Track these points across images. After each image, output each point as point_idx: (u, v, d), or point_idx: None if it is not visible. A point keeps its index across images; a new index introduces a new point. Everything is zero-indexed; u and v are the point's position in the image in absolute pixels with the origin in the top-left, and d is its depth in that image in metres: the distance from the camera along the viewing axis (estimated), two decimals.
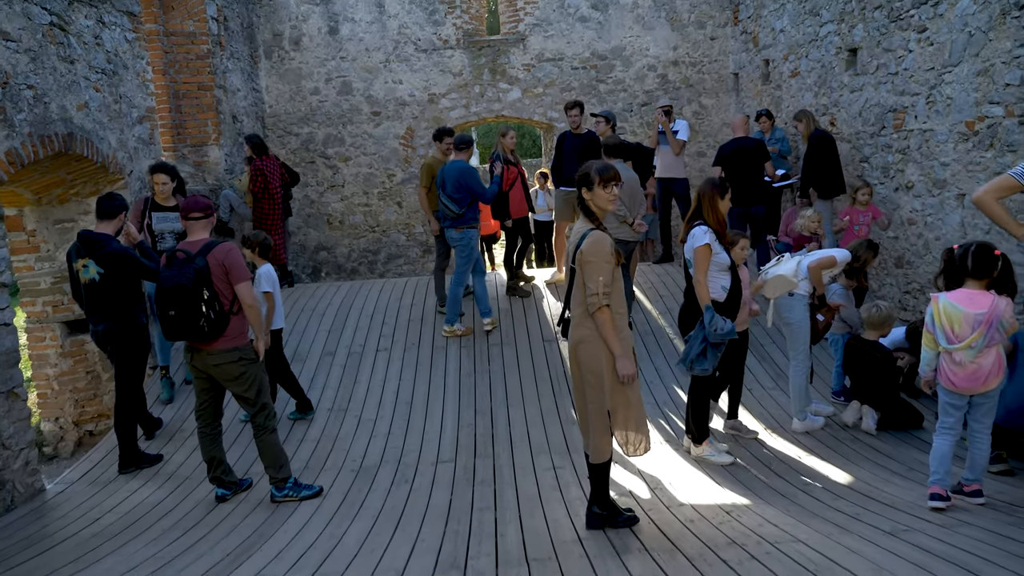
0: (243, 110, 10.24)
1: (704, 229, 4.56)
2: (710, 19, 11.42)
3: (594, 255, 3.59)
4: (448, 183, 6.86)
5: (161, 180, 6.13)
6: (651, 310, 7.69)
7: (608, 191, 3.67)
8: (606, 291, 3.56)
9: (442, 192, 6.92)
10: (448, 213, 6.89)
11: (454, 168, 6.90)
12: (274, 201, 8.54)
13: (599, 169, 3.70)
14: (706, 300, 4.49)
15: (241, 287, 4.38)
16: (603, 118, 7.81)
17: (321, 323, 7.70)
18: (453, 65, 11.44)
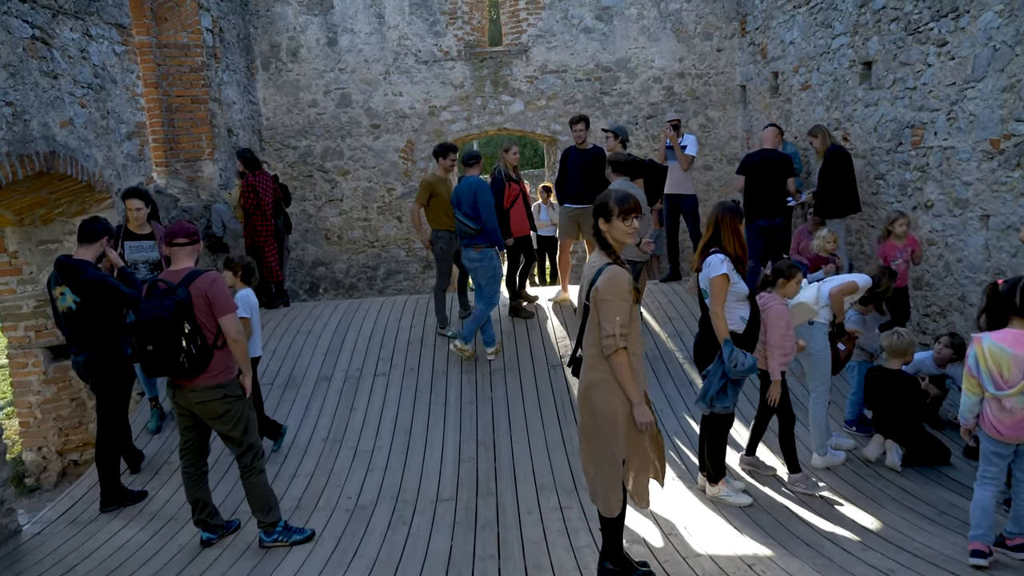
0: (239, 123, 9.99)
1: (721, 258, 4.28)
2: (716, 30, 11.18)
3: (610, 293, 3.32)
4: (464, 201, 6.59)
5: (134, 206, 5.78)
6: (659, 332, 7.41)
7: (628, 224, 3.40)
8: (623, 332, 3.29)
9: (458, 210, 6.63)
10: (467, 231, 6.60)
11: (471, 184, 6.65)
12: (265, 217, 8.28)
13: (618, 199, 3.42)
14: (724, 333, 4.21)
15: (225, 320, 4.10)
16: (612, 133, 7.55)
17: (318, 345, 7.42)
18: (454, 77, 11.20)
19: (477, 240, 6.63)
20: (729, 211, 4.36)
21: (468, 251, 6.69)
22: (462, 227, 6.60)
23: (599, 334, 3.36)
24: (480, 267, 6.70)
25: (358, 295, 11.52)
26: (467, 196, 6.57)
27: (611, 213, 3.41)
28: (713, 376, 4.19)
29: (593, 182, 7.78)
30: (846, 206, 7.41)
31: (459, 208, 6.62)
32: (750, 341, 4.37)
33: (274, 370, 6.96)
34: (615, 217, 3.40)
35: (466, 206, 6.57)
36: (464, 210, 6.58)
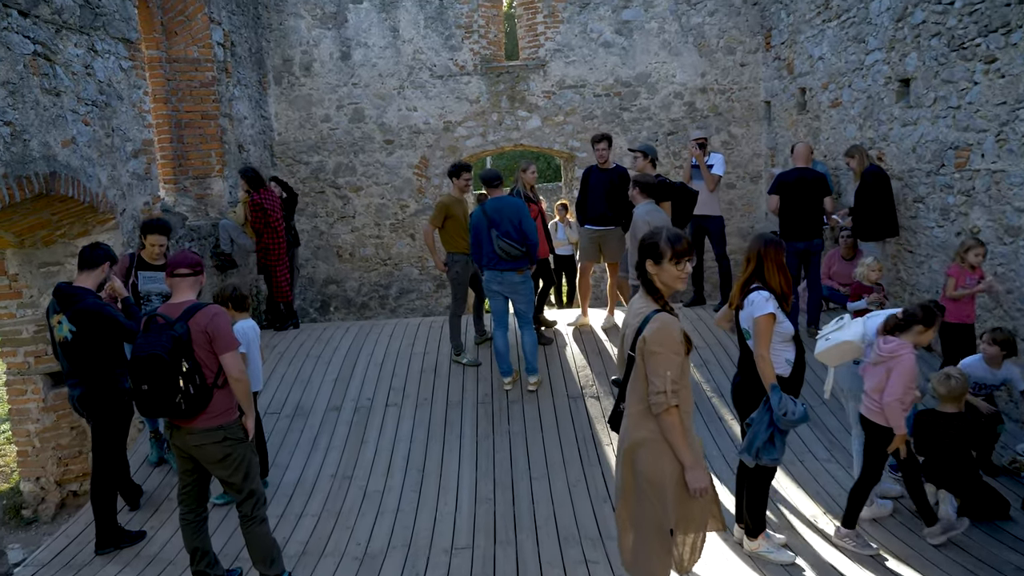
0: (250, 139, 9.75)
1: (765, 295, 3.94)
2: (740, 44, 10.87)
3: (660, 345, 2.99)
4: (505, 221, 6.28)
5: (157, 243, 5.52)
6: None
7: (681, 268, 3.07)
8: (675, 388, 2.96)
9: (496, 232, 6.28)
10: (512, 252, 6.27)
11: (510, 205, 6.37)
12: (277, 235, 8.02)
13: (671, 239, 3.08)
14: (771, 378, 3.87)
15: (227, 358, 3.80)
16: (641, 153, 7.23)
17: (327, 372, 7.12)
18: (470, 92, 10.94)
19: (521, 263, 6.34)
20: (772, 244, 4.03)
21: (510, 275, 6.36)
22: (506, 249, 6.25)
23: (646, 388, 3.02)
24: (522, 290, 6.43)
25: (369, 314, 11.24)
26: (511, 217, 6.28)
27: (662, 255, 3.07)
28: (759, 425, 3.84)
29: (616, 203, 7.47)
30: (883, 229, 7.06)
31: (497, 229, 6.28)
32: (796, 385, 4.03)
33: (282, 398, 6.66)
34: (666, 260, 3.07)
35: (508, 227, 6.27)
36: (504, 230, 6.26)
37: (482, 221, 6.39)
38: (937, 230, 6.80)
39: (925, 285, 7.10)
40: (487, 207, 6.40)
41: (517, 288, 6.40)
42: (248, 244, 8.04)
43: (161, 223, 5.59)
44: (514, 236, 6.25)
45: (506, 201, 6.39)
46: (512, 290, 6.41)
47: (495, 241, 6.26)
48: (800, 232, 7.28)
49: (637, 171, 7.30)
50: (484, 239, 6.38)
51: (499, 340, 6.57)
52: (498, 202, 6.38)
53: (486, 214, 6.36)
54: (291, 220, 8.66)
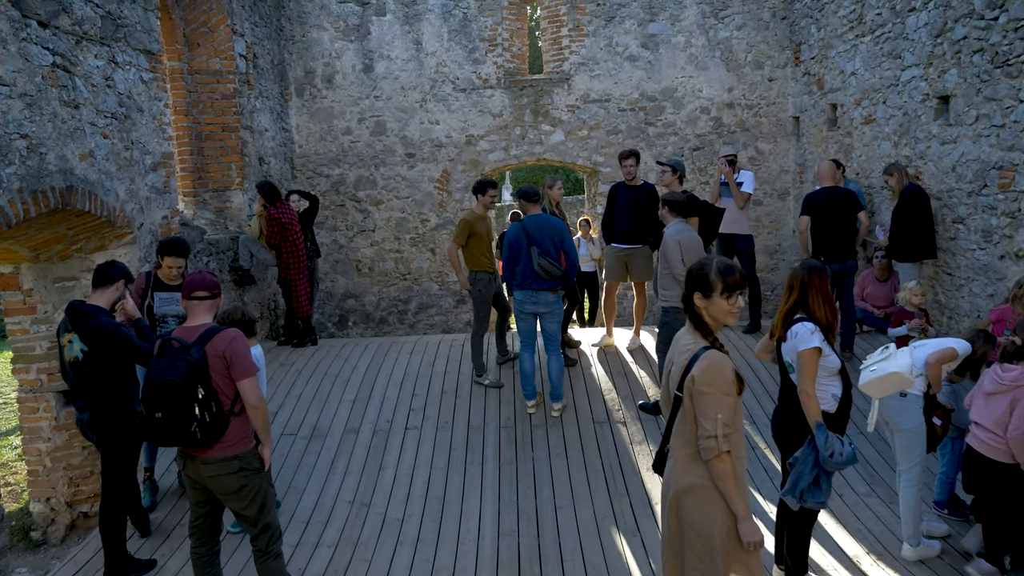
0: (271, 151, 9.65)
1: (810, 327, 3.71)
2: (768, 59, 10.65)
3: (710, 385, 2.77)
4: (545, 240, 6.11)
5: (175, 265, 5.26)
6: None
7: (732, 302, 2.87)
8: (726, 432, 2.74)
9: (537, 249, 6.08)
10: (553, 272, 6.08)
11: (551, 223, 6.19)
12: (296, 248, 7.88)
13: (722, 270, 2.87)
14: (817, 415, 3.63)
15: (245, 384, 3.63)
16: (670, 168, 7.02)
17: (345, 391, 6.94)
18: (493, 105, 10.79)
19: (556, 282, 6.17)
20: (817, 271, 3.80)
21: (544, 295, 6.17)
22: (547, 268, 6.04)
23: (694, 431, 2.80)
24: (556, 310, 6.27)
25: (388, 329, 11.08)
26: (552, 235, 6.11)
27: (712, 288, 2.86)
28: (803, 466, 3.60)
29: (643, 221, 7.27)
30: (921, 250, 6.80)
31: (538, 247, 6.08)
32: (843, 423, 3.79)
33: (299, 419, 6.49)
34: (717, 293, 2.86)
35: (549, 245, 6.10)
36: (545, 248, 6.08)
37: (521, 238, 6.18)
38: (979, 252, 6.53)
39: (965, 309, 6.82)
40: (527, 224, 6.21)
41: (552, 308, 6.23)
42: (268, 258, 7.91)
43: (179, 244, 5.37)
44: (554, 255, 6.08)
45: (546, 219, 6.23)
46: (547, 310, 6.23)
47: (535, 259, 6.07)
48: (832, 254, 7.04)
49: (663, 185, 7.11)
50: (523, 256, 6.18)
51: (526, 361, 6.37)
52: (538, 219, 6.21)
53: (526, 231, 6.16)
54: (310, 230, 8.51)
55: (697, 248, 6.14)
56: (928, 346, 4.48)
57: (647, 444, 5.95)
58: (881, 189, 8.19)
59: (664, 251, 6.00)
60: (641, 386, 6.84)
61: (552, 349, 6.29)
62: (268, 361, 7.60)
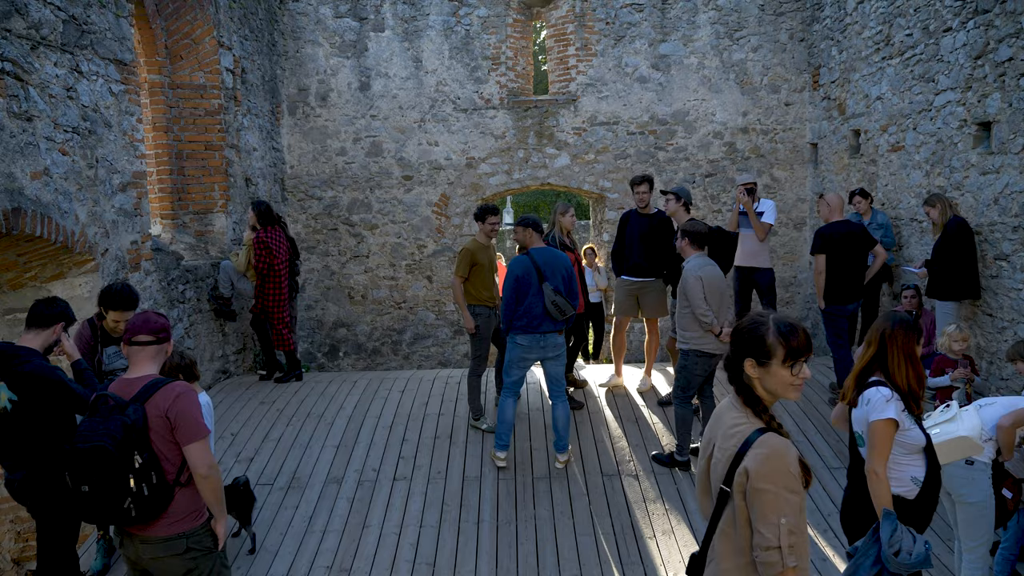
0: (259, 172, 9.11)
1: (887, 393, 3.09)
2: (785, 82, 10.16)
3: (771, 480, 2.13)
4: (558, 275, 5.52)
5: (124, 318, 4.46)
6: None
7: (797, 372, 2.25)
8: (792, 542, 2.09)
9: (550, 286, 5.47)
10: (568, 312, 5.49)
11: (560, 257, 5.62)
12: (279, 279, 7.30)
13: (783, 331, 2.24)
14: (885, 502, 3.01)
15: (194, 449, 3.02)
16: (674, 195, 6.49)
17: (329, 435, 6.32)
18: (495, 127, 10.28)
19: (564, 323, 5.60)
20: (903, 326, 3.17)
21: (553, 337, 5.57)
22: (561, 306, 5.43)
23: (748, 539, 2.18)
24: (562, 353, 5.67)
25: (381, 360, 10.47)
26: (562, 271, 5.52)
27: (770, 353, 2.23)
28: (863, 559, 2.97)
29: (656, 253, 6.72)
30: (964, 289, 6.22)
31: (551, 283, 5.48)
32: (924, 514, 3.14)
33: (276, 467, 5.86)
34: (777, 361, 2.23)
35: (560, 282, 5.49)
36: (556, 286, 5.47)
37: (531, 272, 5.53)
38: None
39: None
40: (536, 257, 5.61)
41: (560, 351, 5.65)
42: (248, 289, 7.33)
43: (125, 296, 4.57)
44: (565, 293, 5.51)
45: (554, 252, 5.65)
46: (555, 353, 5.63)
47: (547, 296, 5.44)
48: (851, 293, 6.54)
49: (670, 215, 6.56)
50: (531, 295, 5.51)
51: (509, 410, 5.72)
52: (547, 253, 5.62)
53: (536, 265, 5.54)
54: (295, 264, 7.91)
55: (720, 286, 5.58)
56: (998, 405, 3.87)
57: (662, 502, 5.33)
58: (911, 221, 7.65)
59: (684, 288, 5.42)
60: (654, 433, 6.23)
61: (557, 395, 5.68)
62: (247, 399, 6.99)
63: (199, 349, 7.15)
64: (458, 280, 6.18)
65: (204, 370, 7.24)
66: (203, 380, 7.23)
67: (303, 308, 10.39)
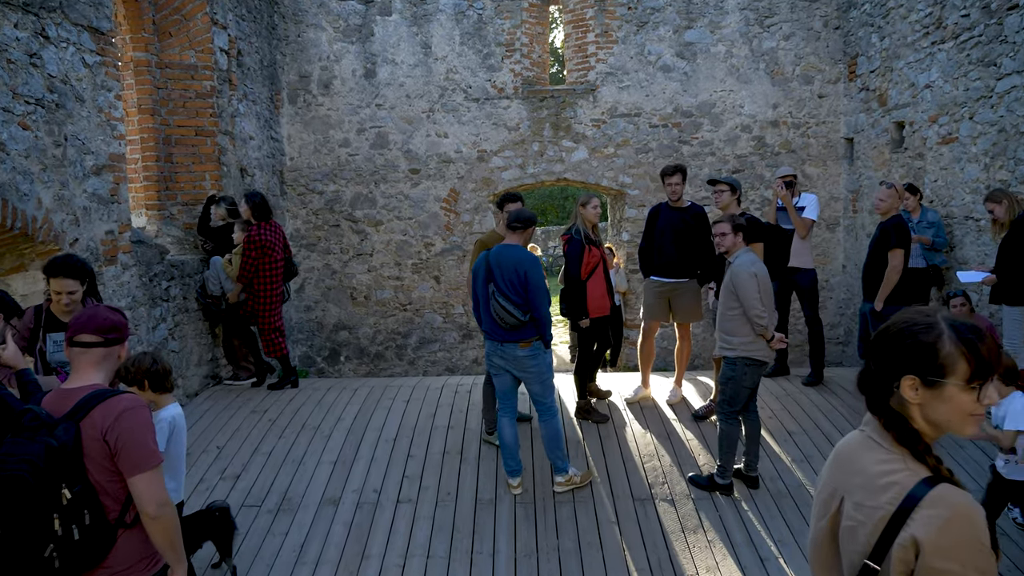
0: (256, 162, 8.49)
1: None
2: (819, 73, 9.51)
3: (956, 558, 1.48)
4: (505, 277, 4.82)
5: (65, 288, 3.82)
6: (780, 454, 5.53)
7: (984, 396, 1.57)
8: None
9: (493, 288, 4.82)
10: (509, 320, 4.76)
11: (513, 255, 4.86)
12: (273, 277, 6.67)
13: (967, 337, 1.57)
14: None
15: (139, 481, 2.37)
16: (728, 186, 5.82)
17: (326, 450, 5.67)
18: (509, 118, 9.64)
19: (524, 333, 4.85)
20: None
21: (511, 348, 4.86)
22: (502, 313, 4.75)
23: None
24: (532, 368, 4.90)
25: (384, 366, 9.83)
26: (510, 272, 4.78)
27: (945, 368, 1.58)
28: None
29: (690, 250, 6.07)
30: None
31: (496, 285, 4.80)
32: None
33: (265, 486, 5.22)
34: (956, 378, 1.58)
35: (507, 285, 4.78)
36: (504, 289, 4.77)
37: (480, 270, 4.92)
38: None
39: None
40: (491, 254, 4.94)
41: (524, 366, 4.88)
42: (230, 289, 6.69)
43: (68, 262, 3.91)
44: (513, 298, 4.76)
45: (513, 251, 4.86)
46: (519, 368, 4.91)
47: (491, 299, 4.81)
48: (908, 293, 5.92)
49: (720, 209, 5.91)
50: (481, 293, 4.93)
51: (505, 430, 5.05)
52: (504, 251, 4.87)
53: (488, 262, 4.90)
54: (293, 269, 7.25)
55: (771, 287, 4.93)
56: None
57: (703, 533, 4.66)
58: (965, 219, 6.98)
59: (735, 286, 4.78)
60: (689, 452, 5.56)
61: (540, 413, 5.00)
62: (236, 408, 6.35)
63: (185, 352, 6.52)
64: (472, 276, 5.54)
65: (191, 375, 6.61)
66: (189, 386, 6.59)
67: (302, 310, 9.76)
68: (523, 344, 4.83)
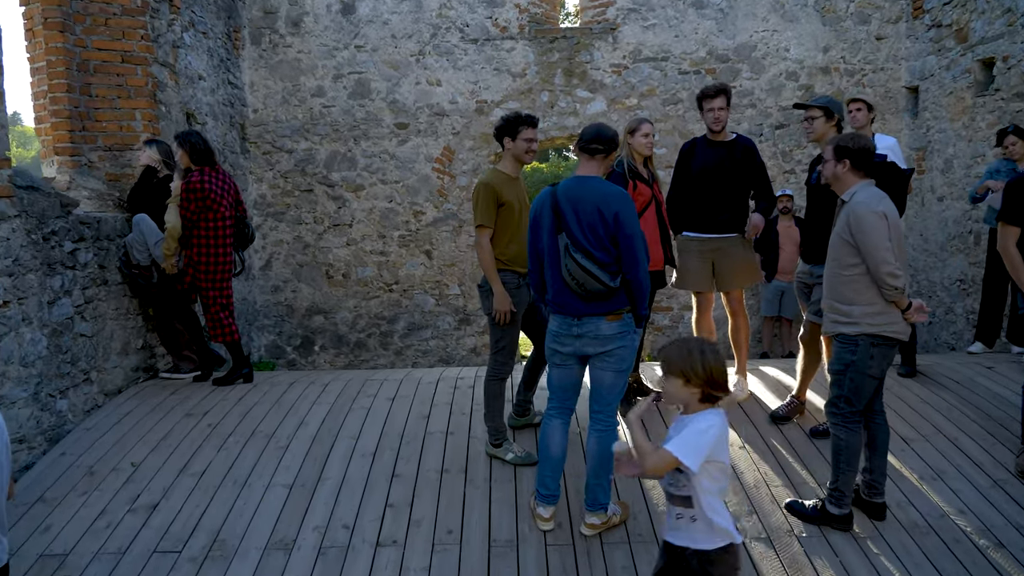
0: (209, 109, 6.95)
1: None
2: (877, 11, 8.07)
3: None
4: (584, 221, 3.32)
5: None
6: (903, 470, 4.07)
7: None
8: None
9: (567, 241, 3.32)
10: (592, 285, 3.31)
11: (598, 191, 3.35)
12: (219, 244, 5.16)
13: None
14: None
15: None
16: (821, 110, 4.36)
17: (280, 468, 4.17)
18: (513, 62, 8.15)
19: (613, 302, 3.36)
20: None
21: (591, 323, 3.36)
22: (581, 277, 3.26)
23: None
24: (617, 353, 3.40)
25: (367, 356, 8.33)
26: (590, 214, 3.29)
27: None
28: None
29: (739, 196, 4.65)
30: None
31: (571, 235, 3.32)
32: None
33: (190, 521, 3.71)
34: None
35: (586, 236, 3.30)
36: (583, 242, 3.29)
37: (544, 213, 3.42)
38: None
39: None
40: (559, 190, 3.43)
41: (610, 347, 3.38)
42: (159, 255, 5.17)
43: None
44: (598, 254, 3.29)
45: (592, 184, 3.36)
46: (600, 349, 3.38)
47: (563, 257, 3.34)
48: None
49: (812, 140, 4.48)
50: (546, 249, 3.43)
51: (555, 436, 3.57)
52: (581, 184, 3.38)
53: (555, 201, 3.39)
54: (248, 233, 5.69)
55: (902, 233, 3.49)
56: None
57: None
58: None
59: (856, 232, 3.32)
60: (779, 468, 4.10)
61: (598, 421, 3.50)
62: (167, 410, 4.84)
63: (102, 338, 4.99)
64: (484, 234, 4.02)
65: (110, 368, 5.08)
66: (108, 381, 5.07)
67: (268, 291, 8.24)
68: (611, 317, 3.34)
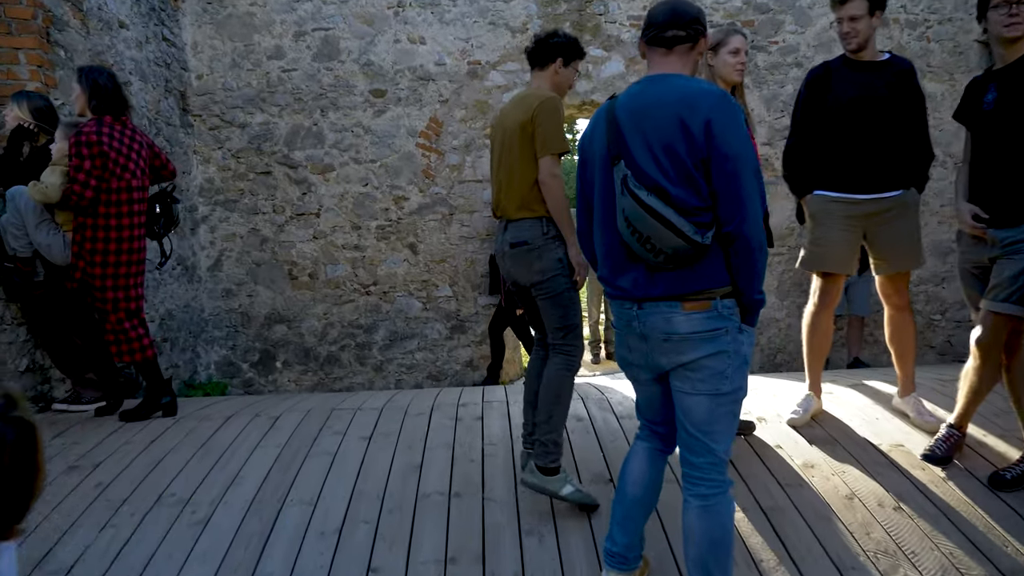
0: (134, 66, 5.51)
1: None
2: None
3: None
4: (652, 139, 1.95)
5: None
6: None
7: None
8: None
9: (626, 173, 1.94)
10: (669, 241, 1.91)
11: (679, 95, 1.95)
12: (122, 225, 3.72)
13: None
14: None
15: None
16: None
17: (188, 561, 2.72)
18: (512, 15, 6.77)
19: (696, 278, 1.96)
20: None
21: (656, 312, 1.99)
22: (644, 224, 1.87)
23: None
24: (705, 367, 1.98)
25: (340, 373, 6.87)
26: (668, 131, 1.90)
27: None
28: None
29: (900, 140, 3.30)
30: None
31: (635, 166, 1.93)
32: None
33: None
34: None
35: (659, 163, 1.91)
36: (653, 174, 1.91)
37: (596, 137, 2.09)
38: None
39: None
40: (620, 102, 2.07)
41: (693, 359, 1.98)
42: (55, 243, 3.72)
43: None
44: (674, 190, 1.90)
45: (670, 85, 1.99)
46: (678, 360, 2.00)
47: (619, 198, 1.97)
48: None
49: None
50: (598, 191, 2.10)
51: (633, 462, 2.27)
52: (653, 85, 2.02)
53: (614, 120, 2.02)
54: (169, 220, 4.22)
55: None
56: None
57: None
58: None
59: None
60: (966, 541, 2.70)
61: (697, 480, 2.05)
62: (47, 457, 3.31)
63: None
64: (556, 163, 2.71)
65: None
66: None
67: (219, 295, 6.78)
68: (691, 303, 1.94)
